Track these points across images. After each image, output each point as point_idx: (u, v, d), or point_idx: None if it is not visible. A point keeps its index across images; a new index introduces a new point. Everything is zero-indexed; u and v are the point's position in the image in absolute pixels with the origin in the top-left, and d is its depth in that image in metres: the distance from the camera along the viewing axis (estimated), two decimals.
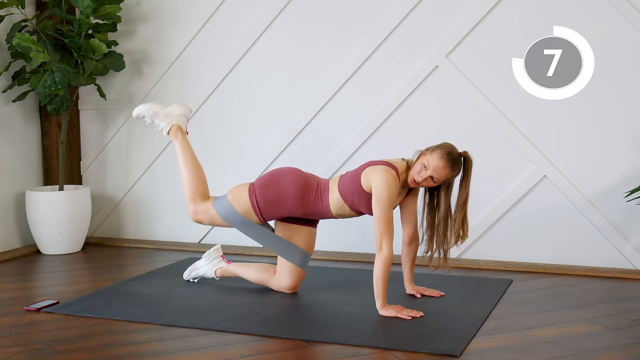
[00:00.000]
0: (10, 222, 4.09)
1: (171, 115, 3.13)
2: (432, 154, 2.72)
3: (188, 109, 3.20)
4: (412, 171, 2.77)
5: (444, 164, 2.70)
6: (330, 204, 2.88)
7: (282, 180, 2.92)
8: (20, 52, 3.86)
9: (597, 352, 2.33)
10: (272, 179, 2.94)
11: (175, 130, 3.11)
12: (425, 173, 2.72)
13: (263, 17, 3.93)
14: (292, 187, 2.90)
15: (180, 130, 3.11)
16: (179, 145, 3.08)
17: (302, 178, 2.94)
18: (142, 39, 4.22)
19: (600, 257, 3.48)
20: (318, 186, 2.92)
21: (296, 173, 2.96)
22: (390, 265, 2.67)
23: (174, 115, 3.13)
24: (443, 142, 2.78)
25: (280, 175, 2.95)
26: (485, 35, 3.57)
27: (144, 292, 3.11)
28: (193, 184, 3.03)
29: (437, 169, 2.70)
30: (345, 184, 2.84)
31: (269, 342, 2.46)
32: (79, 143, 4.43)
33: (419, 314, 2.68)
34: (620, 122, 3.41)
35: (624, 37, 3.36)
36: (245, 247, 4.01)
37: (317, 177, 2.99)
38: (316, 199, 2.89)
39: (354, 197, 2.82)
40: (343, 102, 3.84)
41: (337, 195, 2.86)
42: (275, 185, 2.91)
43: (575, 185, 3.50)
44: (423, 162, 2.73)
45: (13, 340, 2.51)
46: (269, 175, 2.98)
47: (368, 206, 2.81)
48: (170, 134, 3.11)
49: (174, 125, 3.12)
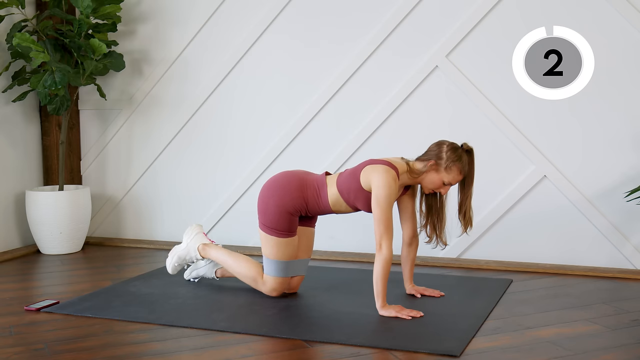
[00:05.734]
0: (10, 222, 4.09)
1: (189, 246, 3.16)
2: (450, 172, 2.77)
3: (196, 226, 3.23)
4: (426, 182, 2.81)
5: (462, 175, 2.80)
6: (328, 198, 2.88)
7: (274, 195, 2.90)
8: (20, 52, 3.86)
9: (597, 352, 2.33)
10: (263, 201, 2.93)
11: (203, 248, 3.14)
12: (447, 187, 2.82)
13: (263, 18, 3.93)
14: (286, 194, 2.88)
15: (207, 245, 3.14)
16: (214, 256, 3.11)
17: (291, 180, 2.92)
18: (142, 39, 4.22)
19: (600, 257, 3.48)
20: (315, 182, 2.92)
21: (282, 179, 2.93)
22: (390, 265, 2.67)
23: (192, 243, 3.16)
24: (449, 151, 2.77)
25: (269, 192, 2.92)
26: (485, 35, 3.57)
27: (144, 292, 3.11)
28: (248, 274, 3.01)
29: (456, 181, 2.81)
30: (344, 180, 2.85)
31: (269, 342, 2.46)
32: (79, 143, 4.43)
33: (419, 314, 2.68)
34: (620, 122, 3.41)
35: (624, 37, 3.36)
36: (245, 247, 4.01)
37: (312, 174, 2.99)
38: (315, 195, 2.89)
39: (350, 194, 2.83)
40: (343, 102, 3.84)
41: (335, 190, 2.86)
42: (271, 203, 2.90)
43: (575, 185, 3.50)
44: (443, 179, 2.78)
45: (13, 340, 2.51)
46: (260, 201, 2.95)
47: (364, 204, 2.82)
48: (203, 254, 3.14)
49: (198, 247, 3.15)
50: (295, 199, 2.88)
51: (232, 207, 4.10)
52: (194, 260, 3.19)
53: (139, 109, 4.26)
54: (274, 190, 2.92)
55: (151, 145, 4.26)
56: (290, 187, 2.89)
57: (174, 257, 3.19)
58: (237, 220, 4.07)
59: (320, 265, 3.64)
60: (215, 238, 4.11)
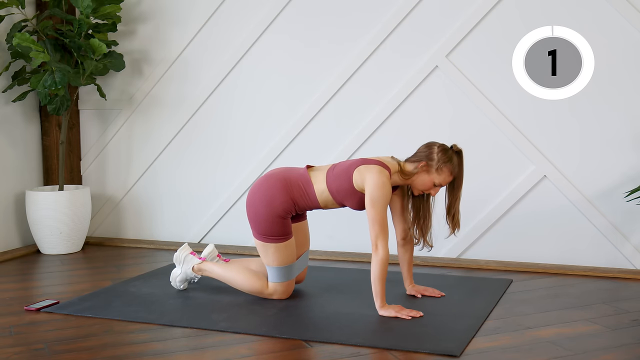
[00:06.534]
0: (10, 222, 4.09)
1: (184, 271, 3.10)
2: (441, 173, 2.78)
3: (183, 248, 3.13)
4: (417, 183, 2.82)
5: (452, 176, 2.81)
6: (317, 196, 2.87)
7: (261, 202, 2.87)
8: (20, 52, 3.86)
9: (597, 352, 2.33)
10: (252, 211, 2.89)
11: (198, 269, 3.09)
12: (437, 189, 2.83)
13: (263, 18, 3.93)
14: (273, 199, 2.85)
15: (201, 265, 3.08)
16: (214, 274, 3.07)
17: (274, 184, 2.87)
18: (142, 39, 4.22)
19: (600, 257, 3.48)
20: (298, 180, 2.88)
21: (265, 184, 2.89)
22: (387, 265, 2.68)
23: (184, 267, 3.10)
24: (440, 152, 2.79)
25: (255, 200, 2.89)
26: (485, 35, 3.57)
27: (144, 292, 3.11)
28: (252, 288, 2.98)
29: (446, 182, 2.82)
30: (334, 179, 2.83)
31: (269, 342, 2.46)
32: (79, 143, 4.43)
33: (418, 314, 2.68)
34: (620, 122, 3.41)
35: (624, 37, 3.36)
36: (245, 247, 4.01)
37: (293, 170, 2.94)
38: (302, 194, 2.87)
39: (339, 193, 2.83)
40: (343, 102, 3.84)
41: (323, 187, 2.85)
42: (260, 211, 2.86)
43: (575, 185, 3.50)
44: (433, 180, 2.79)
45: (13, 340, 2.51)
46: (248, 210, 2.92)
47: (354, 203, 2.83)
48: (200, 274, 3.10)
49: (193, 268, 3.09)
50: (283, 202, 2.85)
51: (232, 207, 4.09)
52: (194, 280, 3.16)
53: (139, 109, 4.26)
54: (260, 198, 2.87)
55: (151, 145, 4.26)
56: (275, 191, 2.86)
57: (175, 281, 3.14)
58: (237, 220, 4.07)
59: (320, 265, 3.64)
60: (215, 238, 4.11)
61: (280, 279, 2.92)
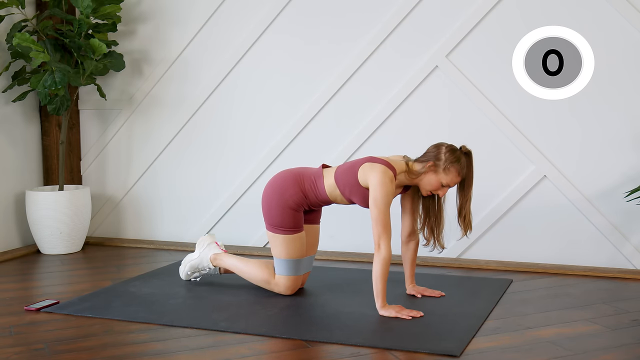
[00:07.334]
0: (10, 222, 4.09)
1: (202, 256, 3.19)
2: (448, 173, 2.78)
3: (209, 236, 3.24)
4: (424, 183, 2.82)
5: (460, 177, 2.81)
6: (325, 189, 2.90)
7: (274, 194, 2.94)
8: (20, 52, 3.86)
9: (597, 352, 2.33)
10: (266, 203, 2.97)
11: (215, 258, 3.17)
12: (445, 189, 2.83)
13: (263, 17, 3.93)
14: (285, 191, 2.92)
15: (218, 255, 3.16)
16: (227, 264, 3.13)
17: (287, 177, 2.95)
18: (142, 39, 4.22)
19: (600, 257, 3.48)
20: (311, 175, 2.95)
21: (279, 179, 2.97)
22: (389, 265, 2.68)
23: (204, 252, 3.19)
24: (448, 153, 2.79)
25: (269, 193, 2.96)
26: (485, 35, 3.57)
27: (144, 292, 3.11)
28: (260, 278, 3.04)
29: (454, 182, 2.81)
30: (342, 173, 2.87)
31: (269, 342, 2.46)
32: (79, 143, 4.43)
33: (419, 314, 2.68)
34: (620, 122, 3.41)
35: (624, 37, 3.36)
36: (245, 247, 4.01)
37: (310, 168, 3.01)
38: (312, 187, 2.92)
39: (346, 187, 2.85)
40: (343, 102, 3.84)
41: (332, 181, 2.89)
42: (273, 203, 2.93)
43: (575, 185, 3.50)
44: (441, 181, 2.79)
45: (13, 340, 2.51)
46: (263, 204, 2.99)
47: (360, 199, 2.84)
48: (215, 264, 3.17)
49: (210, 257, 3.17)
50: (294, 194, 2.91)
51: (232, 207, 4.10)
52: (206, 270, 3.20)
53: (139, 109, 4.26)
54: (274, 190, 2.96)
55: (151, 145, 4.26)
56: (287, 183, 2.93)
57: (187, 265, 3.22)
58: (238, 220, 4.07)
59: (320, 265, 3.64)
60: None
61: (286, 272, 2.96)
